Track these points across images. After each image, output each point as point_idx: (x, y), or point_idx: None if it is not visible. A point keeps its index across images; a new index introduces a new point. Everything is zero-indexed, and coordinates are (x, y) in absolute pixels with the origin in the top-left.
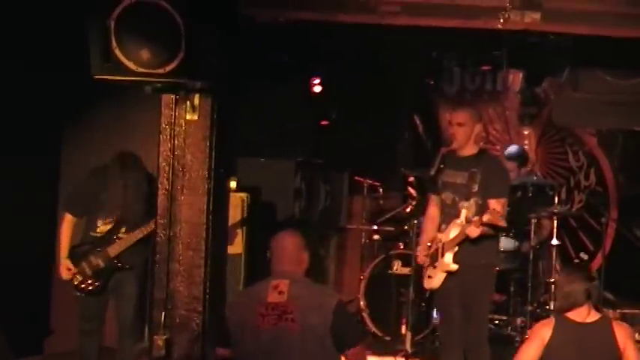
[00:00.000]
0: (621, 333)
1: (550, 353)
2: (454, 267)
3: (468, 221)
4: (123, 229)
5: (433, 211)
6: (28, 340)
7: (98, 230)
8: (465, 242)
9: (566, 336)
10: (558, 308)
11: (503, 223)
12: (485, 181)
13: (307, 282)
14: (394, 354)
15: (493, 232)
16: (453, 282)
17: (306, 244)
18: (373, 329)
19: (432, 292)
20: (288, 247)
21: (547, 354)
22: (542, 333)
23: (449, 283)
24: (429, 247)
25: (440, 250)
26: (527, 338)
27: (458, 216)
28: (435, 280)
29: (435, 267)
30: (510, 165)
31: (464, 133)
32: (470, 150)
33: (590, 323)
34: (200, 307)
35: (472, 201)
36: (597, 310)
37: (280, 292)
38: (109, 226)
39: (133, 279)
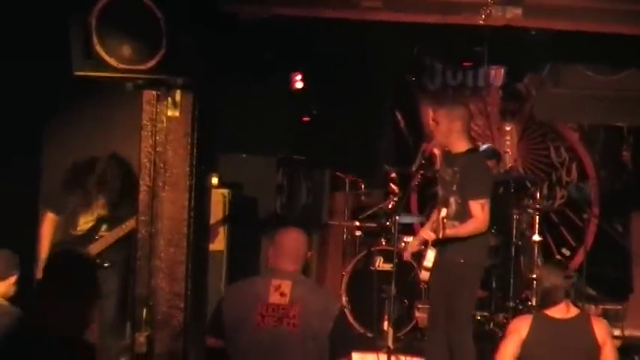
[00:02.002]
0: (600, 329)
1: (528, 349)
2: (428, 264)
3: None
4: (104, 227)
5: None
6: None
7: (79, 229)
8: (446, 240)
9: (544, 332)
10: (537, 305)
11: (429, 236)
12: (462, 181)
13: (309, 284)
14: (376, 350)
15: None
16: (437, 278)
17: (308, 244)
18: (355, 325)
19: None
20: (292, 244)
21: (525, 350)
22: (520, 329)
23: (433, 279)
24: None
25: (428, 246)
26: (504, 335)
27: None
28: (422, 274)
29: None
30: (490, 163)
31: (439, 131)
32: (460, 147)
33: (568, 319)
34: (182, 303)
35: (452, 199)
36: (576, 306)
37: (282, 294)
38: (90, 224)
39: (114, 276)
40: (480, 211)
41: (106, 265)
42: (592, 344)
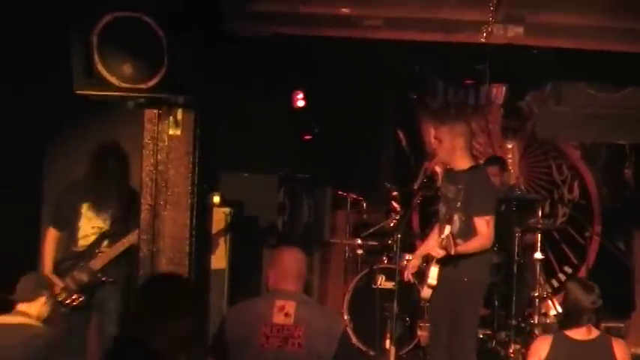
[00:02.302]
0: (620, 350)
1: None
2: (432, 282)
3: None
4: (105, 243)
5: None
6: None
7: (79, 244)
8: (449, 258)
9: (564, 353)
10: (559, 324)
11: (437, 254)
12: (468, 198)
13: (313, 304)
14: None
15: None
16: (440, 296)
17: (306, 262)
18: (357, 344)
19: (424, 302)
20: (294, 265)
21: None
22: (539, 350)
23: (436, 296)
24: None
25: (431, 263)
26: (527, 356)
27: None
28: (424, 291)
29: (428, 277)
30: (492, 170)
31: (442, 148)
32: (462, 164)
33: (589, 341)
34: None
35: (456, 217)
36: (597, 327)
37: (287, 315)
38: (90, 239)
39: (115, 294)
40: (485, 227)
41: (109, 280)
42: None
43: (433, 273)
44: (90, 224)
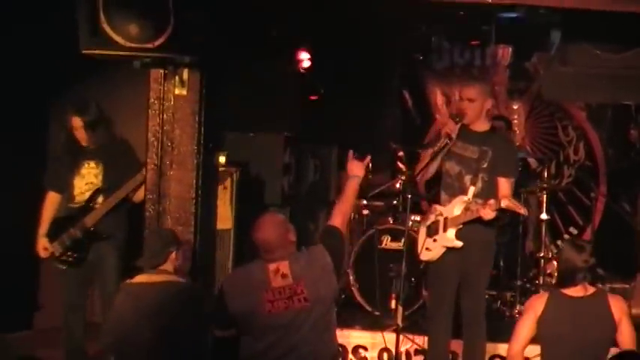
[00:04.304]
0: (617, 306)
1: (543, 327)
2: (459, 244)
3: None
4: (100, 199)
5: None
6: (17, 315)
7: (76, 200)
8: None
9: (560, 310)
10: (555, 284)
11: (524, 212)
12: (495, 160)
13: (302, 255)
14: (383, 329)
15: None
16: (452, 257)
17: (287, 223)
18: (362, 304)
19: (427, 265)
20: (272, 239)
21: (541, 328)
22: (535, 307)
23: (447, 257)
24: (426, 218)
25: (441, 224)
26: (521, 314)
27: (462, 190)
28: (432, 252)
29: (434, 240)
30: (497, 123)
31: (474, 108)
32: (482, 126)
33: (584, 297)
34: (187, 279)
35: (479, 177)
36: (593, 285)
37: (284, 275)
38: (86, 195)
39: (114, 251)
40: (509, 189)
41: (103, 237)
42: (609, 321)
43: (451, 234)
44: (83, 181)
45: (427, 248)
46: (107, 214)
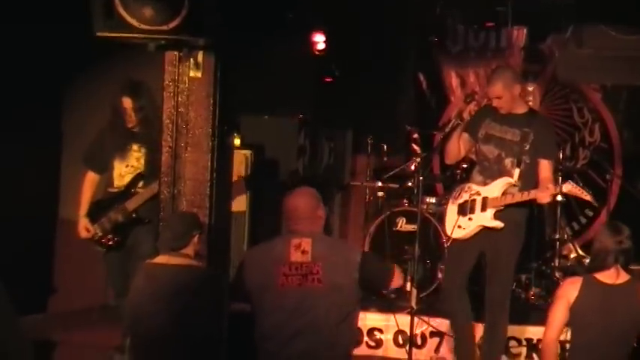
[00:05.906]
0: None
1: (575, 314)
2: (499, 224)
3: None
4: (140, 184)
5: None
6: (32, 298)
7: (115, 185)
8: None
9: (593, 297)
10: (588, 267)
11: (589, 198)
12: (537, 142)
13: (329, 239)
14: (396, 311)
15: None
16: (481, 238)
17: (320, 199)
18: None
19: (451, 241)
20: (302, 207)
21: (573, 315)
22: (568, 294)
23: (476, 237)
24: (457, 196)
25: (479, 203)
26: (554, 299)
27: (501, 173)
28: (465, 231)
29: (470, 219)
30: None
31: (505, 102)
32: (520, 108)
33: (617, 285)
34: (205, 264)
35: (522, 159)
36: (627, 272)
37: (304, 252)
38: (126, 180)
39: (150, 236)
40: (549, 171)
41: (145, 222)
42: (638, 312)
43: (491, 214)
44: (124, 163)
45: (460, 226)
46: (149, 199)
